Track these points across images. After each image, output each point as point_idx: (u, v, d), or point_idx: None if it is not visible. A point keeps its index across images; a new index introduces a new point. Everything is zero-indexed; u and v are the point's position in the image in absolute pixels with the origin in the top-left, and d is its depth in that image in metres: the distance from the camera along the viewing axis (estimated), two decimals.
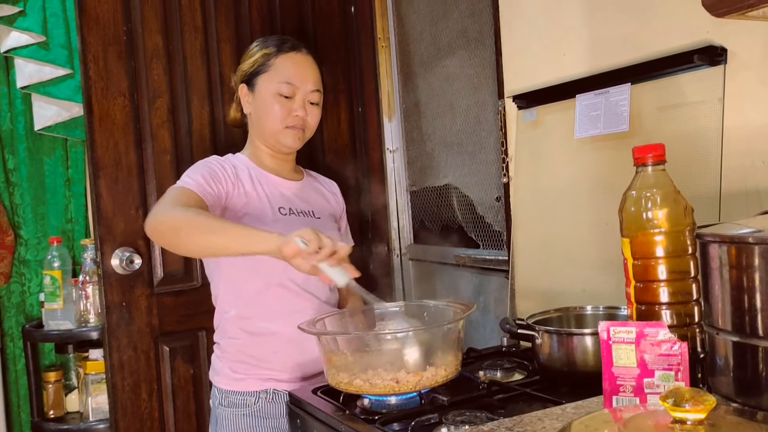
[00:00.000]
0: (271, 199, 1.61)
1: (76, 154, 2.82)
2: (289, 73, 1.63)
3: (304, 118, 1.63)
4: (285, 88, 1.61)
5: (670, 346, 0.92)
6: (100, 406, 2.45)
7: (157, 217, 1.43)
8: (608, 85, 1.47)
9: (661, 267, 1.04)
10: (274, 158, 1.68)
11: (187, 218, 1.38)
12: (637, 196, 1.06)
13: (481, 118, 2.03)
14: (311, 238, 1.27)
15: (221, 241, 1.35)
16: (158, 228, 1.43)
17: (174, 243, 1.44)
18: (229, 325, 1.61)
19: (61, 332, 2.50)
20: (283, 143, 1.64)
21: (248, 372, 1.58)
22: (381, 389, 1.24)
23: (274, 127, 1.62)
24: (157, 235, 1.45)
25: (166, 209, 1.43)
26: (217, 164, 1.59)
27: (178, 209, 1.41)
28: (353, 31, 2.43)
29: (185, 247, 1.45)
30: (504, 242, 1.92)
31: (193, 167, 1.59)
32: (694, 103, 1.33)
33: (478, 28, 2.01)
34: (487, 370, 1.44)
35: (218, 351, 1.65)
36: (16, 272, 2.73)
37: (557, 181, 1.67)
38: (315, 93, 1.65)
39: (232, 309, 1.60)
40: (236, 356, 1.59)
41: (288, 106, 1.62)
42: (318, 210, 1.69)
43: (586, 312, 1.44)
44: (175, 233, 1.39)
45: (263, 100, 1.63)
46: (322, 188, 1.79)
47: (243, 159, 1.67)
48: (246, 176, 1.61)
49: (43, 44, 2.60)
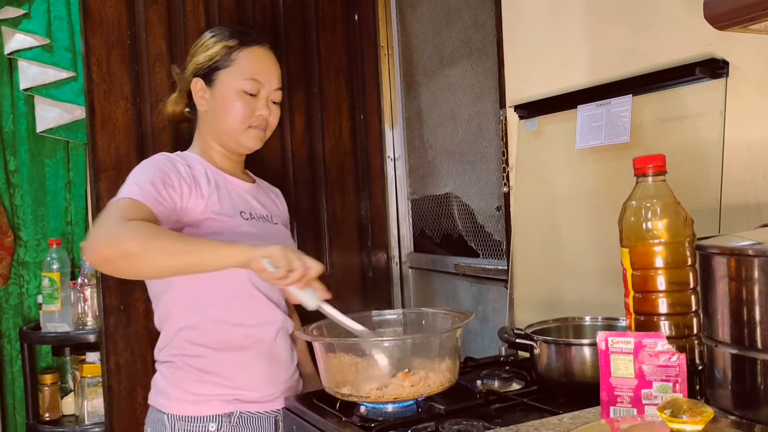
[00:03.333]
0: (231, 201, 1.48)
1: (78, 157, 2.82)
2: (254, 69, 1.50)
3: (266, 118, 1.51)
4: (250, 85, 1.48)
5: (669, 358, 0.92)
6: (96, 409, 2.44)
7: (101, 241, 1.23)
8: (610, 96, 1.48)
9: (660, 278, 1.03)
10: (228, 159, 1.55)
11: (139, 240, 1.21)
12: (637, 206, 1.06)
13: (482, 128, 2.04)
14: (281, 262, 1.19)
15: (184, 262, 1.23)
16: (104, 253, 1.23)
17: (126, 269, 1.27)
18: (186, 341, 1.44)
19: (59, 335, 2.49)
20: (244, 144, 1.51)
21: (210, 393, 1.42)
22: (378, 397, 1.23)
23: (234, 127, 1.49)
24: (103, 261, 1.25)
25: (111, 230, 1.23)
26: (170, 164, 1.42)
27: (127, 229, 1.22)
28: (356, 39, 2.44)
29: (140, 272, 1.31)
30: (504, 252, 1.92)
31: (142, 169, 1.40)
32: (696, 116, 1.33)
33: (480, 38, 2.02)
34: (484, 379, 1.44)
35: (166, 370, 1.46)
36: (15, 274, 2.73)
37: (558, 191, 1.67)
38: (278, 92, 1.54)
39: (191, 323, 1.44)
40: (195, 375, 1.42)
41: (252, 105, 1.49)
42: (274, 215, 1.59)
43: (584, 322, 1.43)
44: (127, 259, 1.21)
45: (224, 97, 1.49)
46: (271, 194, 1.68)
47: (196, 158, 1.51)
48: (203, 176, 1.46)
49: (47, 47, 2.61)
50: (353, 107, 2.43)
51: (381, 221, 2.47)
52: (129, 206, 1.29)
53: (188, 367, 1.43)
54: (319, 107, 2.36)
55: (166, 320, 1.47)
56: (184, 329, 1.44)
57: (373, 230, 2.45)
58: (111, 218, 1.26)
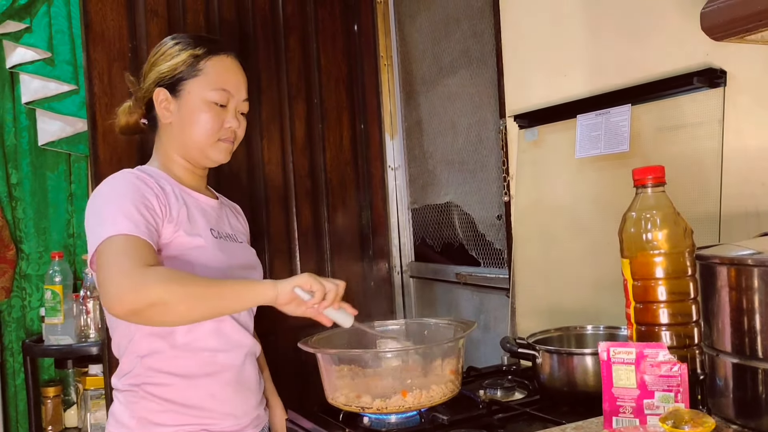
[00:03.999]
0: (201, 219, 1.40)
1: (79, 170, 2.83)
2: (224, 79, 1.42)
3: (235, 130, 1.44)
4: (219, 95, 1.40)
5: (670, 368, 0.92)
6: (99, 421, 2.44)
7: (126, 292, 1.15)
8: (609, 106, 1.49)
9: (660, 288, 1.04)
10: (191, 173, 1.46)
11: (167, 288, 1.15)
12: (636, 217, 1.06)
13: (482, 137, 2.04)
14: (315, 287, 1.21)
15: (214, 305, 1.21)
16: (131, 306, 1.15)
17: (155, 319, 1.19)
18: (149, 369, 1.33)
19: (61, 347, 2.49)
20: (212, 158, 1.43)
21: (176, 423, 1.32)
22: (381, 408, 1.24)
23: (203, 140, 1.40)
24: (129, 313, 1.17)
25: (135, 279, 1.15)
26: (143, 186, 1.31)
27: (151, 277, 1.16)
28: (356, 49, 2.45)
29: (170, 321, 1.23)
30: (505, 260, 1.92)
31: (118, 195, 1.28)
32: (694, 125, 1.34)
33: (480, 48, 2.03)
34: (487, 389, 1.44)
35: (126, 399, 1.35)
36: (17, 287, 2.74)
37: (558, 200, 1.68)
38: (245, 103, 1.47)
39: (153, 350, 1.33)
40: (160, 404, 1.32)
41: (220, 116, 1.41)
42: (238, 233, 1.52)
43: (586, 332, 1.44)
44: (157, 308, 1.15)
45: (192, 108, 1.40)
46: (233, 210, 1.60)
47: (158, 173, 1.41)
48: (171, 194, 1.36)
49: (48, 60, 2.62)
50: (354, 117, 2.44)
51: (382, 231, 2.48)
52: (134, 246, 1.20)
53: (150, 396, 1.33)
54: (320, 117, 2.37)
55: (127, 347, 1.36)
56: (146, 356, 1.34)
57: (374, 240, 2.46)
58: (127, 263, 1.17)
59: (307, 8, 2.35)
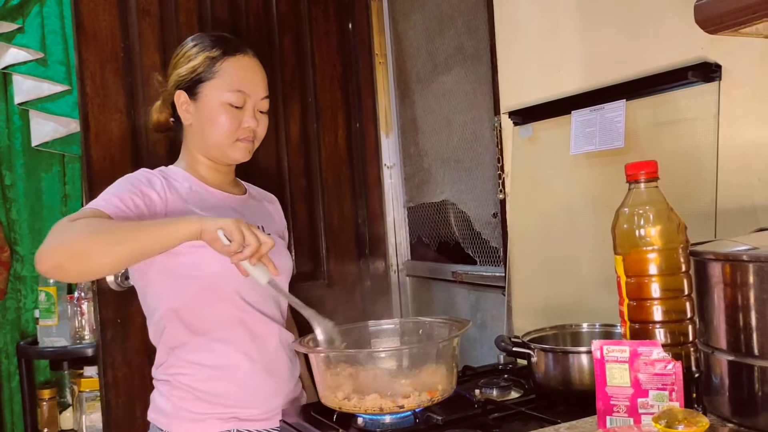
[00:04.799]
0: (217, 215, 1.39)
1: (74, 170, 2.82)
2: (240, 80, 1.44)
3: (254, 129, 1.46)
4: (235, 97, 1.42)
5: (664, 366, 0.91)
6: (95, 423, 2.43)
7: (47, 249, 1.18)
8: (603, 102, 1.47)
9: (654, 285, 1.02)
10: (215, 171, 1.50)
11: (84, 237, 1.18)
12: (629, 213, 1.05)
13: (477, 134, 2.03)
14: (235, 235, 1.17)
15: (134, 247, 1.19)
16: (53, 260, 1.18)
17: (79, 270, 1.22)
18: (180, 360, 1.41)
19: (56, 349, 2.49)
20: (232, 157, 1.47)
21: (207, 411, 1.39)
22: (375, 408, 1.22)
23: (221, 141, 1.44)
24: (54, 268, 1.20)
25: (56, 236, 1.20)
26: (143, 178, 1.40)
27: (70, 230, 1.19)
28: (351, 48, 2.44)
29: (94, 270, 1.25)
30: (501, 258, 1.91)
31: (113, 184, 1.39)
32: (689, 120, 1.32)
33: (474, 44, 2.02)
34: (483, 388, 1.43)
35: (163, 388, 1.44)
36: (12, 288, 2.73)
37: (554, 197, 1.66)
38: (265, 100, 1.48)
39: (183, 342, 1.41)
40: (192, 393, 1.40)
41: (238, 117, 1.43)
42: (266, 226, 1.53)
43: (582, 330, 1.42)
44: (77, 259, 1.18)
45: (209, 110, 1.43)
46: (265, 203, 1.63)
47: (179, 172, 1.48)
48: (185, 192, 1.43)
49: (41, 61, 2.61)
50: (349, 116, 2.43)
51: (378, 230, 2.46)
52: (84, 213, 1.26)
53: (182, 385, 1.40)
54: (315, 116, 2.36)
55: (159, 339, 1.44)
56: (177, 348, 1.42)
57: (370, 239, 2.45)
58: (57, 225, 1.23)
59: (301, 6, 2.34)
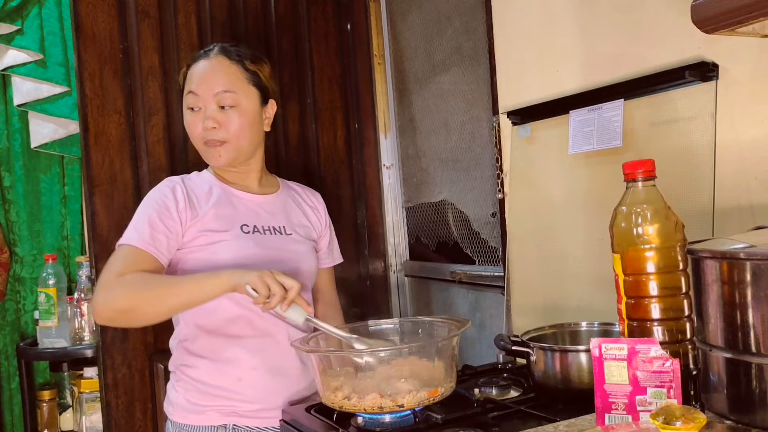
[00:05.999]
0: (231, 216, 1.47)
1: (73, 172, 2.82)
2: (192, 83, 1.46)
3: (218, 129, 1.43)
4: (190, 99, 1.46)
5: (662, 363, 0.91)
6: (95, 424, 2.43)
7: (100, 305, 1.34)
8: (601, 101, 1.48)
9: (652, 283, 1.03)
10: (232, 173, 1.53)
11: (130, 296, 1.32)
12: (627, 211, 1.05)
13: (475, 134, 2.04)
14: (259, 288, 1.25)
15: (175, 303, 1.34)
16: (105, 316, 1.36)
17: (130, 322, 1.43)
18: (185, 352, 1.48)
19: (56, 350, 2.49)
20: (211, 163, 1.51)
21: (207, 403, 1.44)
22: (375, 407, 1.23)
23: (197, 147, 1.49)
24: (108, 321, 1.41)
25: (107, 292, 1.34)
26: (168, 193, 1.44)
27: (118, 288, 1.33)
28: (349, 49, 2.44)
29: (143, 322, 1.41)
30: (500, 258, 1.92)
31: (142, 206, 1.45)
32: (687, 119, 1.33)
33: (472, 45, 2.02)
34: (482, 387, 1.43)
35: (173, 378, 1.51)
36: (11, 290, 2.73)
37: (552, 196, 1.67)
38: (226, 94, 1.43)
39: (189, 335, 1.47)
40: (194, 386, 1.46)
41: (197, 119, 1.44)
42: (290, 225, 1.55)
43: (581, 328, 1.43)
44: (126, 314, 1.34)
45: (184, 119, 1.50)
46: (301, 201, 1.64)
47: (205, 175, 1.54)
48: (204, 195, 1.48)
49: (40, 62, 2.62)
50: (347, 116, 2.44)
51: (377, 230, 2.47)
52: (126, 256, 1.37)
53: (186, 377, 1.47)
54: (314, 117, 2.37)
55: (175, 333, 1.53)
56: (184, 341, 1.48)
57: (369, 239, 2.45)
58: (107, 276, 1.35)
59: (299, 8, 2.34)
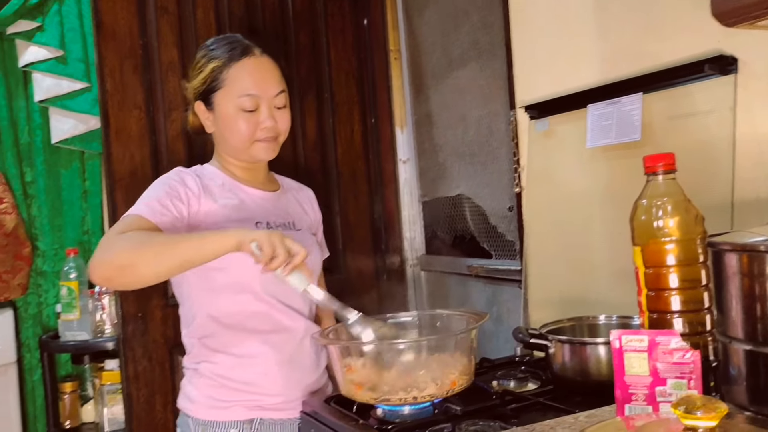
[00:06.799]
0: (246, 212, 1.47)
1: (93, 167, 2.85)
2: (248, 84, 1.45)
3: (274, 128, 1.47)
4: (246, 101, 1.44)
5: (683, 355, 0.92)
6: (116, 416, 2.47)
7: (97, 262, 1.26)
8: (620, 95, 1.48)
9: (672, 275, 1.04)
10: (245, 169, 1.53)
11: (130, 251, 1.25)
12: (647, 204, 1.06)
13: (492, 129, 2.04)
14: (265, 247, 1.20)
15: (179, 259, 1.25)
16: (102, 274, 1.27)
17: (128, 282, 1.31)
18: (206, 349, 1.46)
19: (77, 343, 2.52)
20: (256, 157, 1.49)
21: (232, 398, 1.43)
22: (395, 399, 1.24)
23: (242, 145, 1.47)
24: (104, 280, 1.31)
25: (104, 249, 1.27)
26: (178, 179, 1.44)
27: (117, 244, 1.26)
28: (366, 44, 2.45)
29: (142, 281, 1.29)
30: (517, 252, 1.92)
31: (151, 187, 1.43)
32: (705, 113, 1.33)
33: (489, 39, 2.02)
34: (500, 379, 1.44)
35: (192, 376, 1.49)
36: (33, 283, 2.77)
37: (570, 190, 1.67)
38: (280, 96, 1.48)
39: (209, 332, 1.45)
40: (217, 381, 1.44)
41: (254, 120, 1.45)
42: (297, 221, 1.57)
43: (599, 321, 1.43)
44: (124, 271, 1.25)
45: (226, 118, 1.46)
46: (299, 197, 1.65)
47: (213, 170, 1.52)
48: (217, 189, 1.47)
49: (60, 58, 2.65)
50: (364, 111, 2.45)
51: (394, 224, 2.48)
52: (129, 222, 1.33)
53: (210, 373, 1.45)
54: (331, 111, 2.38)
55: (188, 330, 1.50)
56: (203, 338, 1.46)
57: (386, 233, 2.46)
58: (107, 236, 1.31)
59: (316, 3, 2.35)
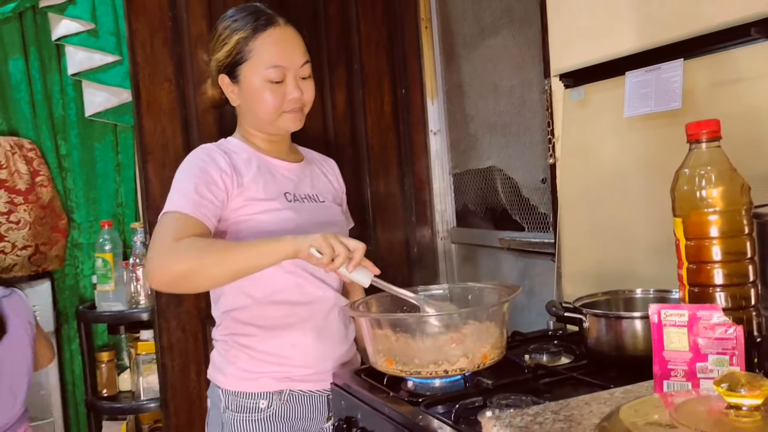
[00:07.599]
0: (275, 185, 1.48)
1: (126, 140, 2.88)
2: (274, 55, 1.44)
3: (300, 98, 1.47)
4: (274, 73, 1.43)
5: (725, 330, 0.89)
6: (151, 385, 2.51)
7: (156, 270, 1.28)
8: (660, 61, 1.43)
9: (715, 248, 1.00)
10: (270, 142, 1.53)
11: (190, 260, 1.26)
12: (690, 174, 1.02)
13: (525, 99, 1.99)
14: (324, 249, 1.23)
15: (237, 268, 1.28)
16: (161, 280, 1.29)
17: (187, 288, 1.38)
18: (235, 321, 1.48)
19: (113, 313, 2.57)
20: (284, 128, 1.50)
21: (261, 370, 1.45)
22: (426, 372, 1.23)
23: (269, 117, 1.46)
24: (163, 286, 1.33)
25: (163, 257, 1.28)
26: (209, 160, 1.42)
27: (176, 252, 1.27)
28: (396, 13, 2.41)
29: (203, 287, 1.38)
30: (550, 225, 1.89)
31: (183, 174, 1.42)
32: (751, 79, 1.27)
33: (522, 6, 1.97)
34: (532, 353, 1.43)
35: (222, 348, 1.51)
36: (70, 255, 2.82)
37: (606, 161, 1.63)
38: (305, 66, 1.48)
39: (238, 305, 1.47)
40: (246, 353, 1.46)
41: (281, 92, 1.45)
42: (322, 193, 1.57)
43: (635, 295, 1.41)
44: (184, 279, 1.27)
45: (252, 90, 1.45)
46: (323, 168, 1.66)
47: (238, 144, 1.52)
48: (244, 163, 1.46)
49: (92, 32, 2.66)
50: (394, 82, 2.41)
51: (425, 196, 2.46)
52: (177, 222, 1.33)
53: (239, 345, 1.47)
54: (361, 83, 2.35)
55: (217, 303, 1.51)
56: (233, 310, 1.48)
57: (417, 206, 2.44)
58: (161, 242, 1.30)
59: None
